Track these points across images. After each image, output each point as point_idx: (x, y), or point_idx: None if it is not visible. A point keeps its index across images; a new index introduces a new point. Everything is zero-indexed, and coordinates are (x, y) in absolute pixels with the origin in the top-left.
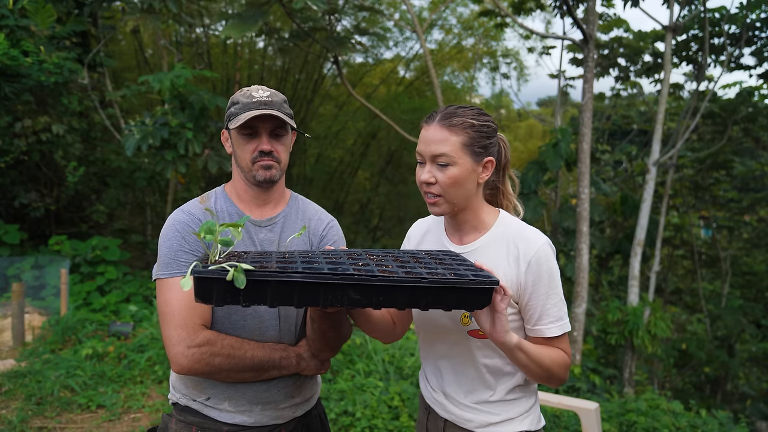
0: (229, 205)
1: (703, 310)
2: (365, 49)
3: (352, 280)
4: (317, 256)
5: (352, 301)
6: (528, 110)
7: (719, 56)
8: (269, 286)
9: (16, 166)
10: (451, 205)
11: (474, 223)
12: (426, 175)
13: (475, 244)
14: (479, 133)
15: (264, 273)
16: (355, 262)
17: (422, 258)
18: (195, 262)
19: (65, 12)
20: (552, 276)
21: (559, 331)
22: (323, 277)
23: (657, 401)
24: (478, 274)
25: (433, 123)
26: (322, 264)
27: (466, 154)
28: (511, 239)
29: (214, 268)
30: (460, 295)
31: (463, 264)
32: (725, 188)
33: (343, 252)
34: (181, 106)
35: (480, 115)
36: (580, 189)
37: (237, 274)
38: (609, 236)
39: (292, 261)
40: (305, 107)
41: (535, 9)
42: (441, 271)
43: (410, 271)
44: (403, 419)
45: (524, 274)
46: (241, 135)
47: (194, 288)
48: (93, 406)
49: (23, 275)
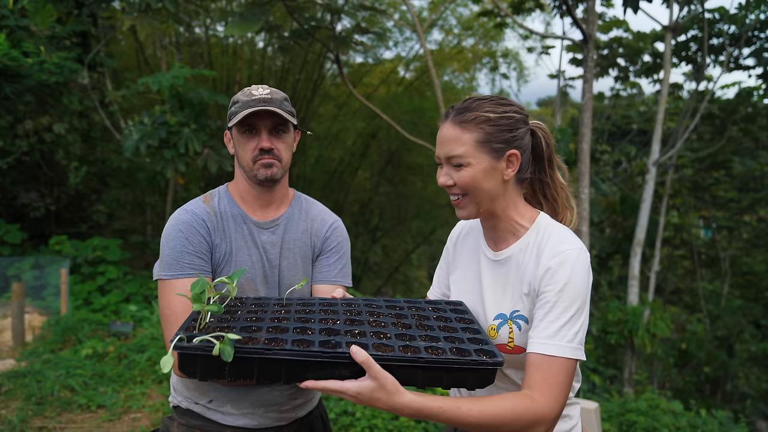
0: (232, 206)
1: (702, 310)
2: (366, 49)
3: (344, 358)
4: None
5: (343, 379)
6: (528, 110)
7: (718, 56)
8: (255, 363)
9: (16, 166)
10: (476, 206)
11: (508, 226)
12: (443, 178)
13: (508, 251)
14: (497, 126)
15: (250, 349)
16: (352, 325)
17: (426, 315)
18: (179, 335)
19: (65, 12)
20: (569, 286)
21: (551, 350)
22: (313, 355)
23: (657, 401)
24: (482, 349)
25: (446, 121)
26: (315, 333)
27: (482, 151)
28: (541, 244)
29: (197, 343)
30: (459, 375)
31: (469, 327)
32: (725, 188)
33: (342, 304)
34: (180, 105)
35: (499, 105)
36: (580, 189)
37: (224, 346)
38: (609, 236)
39: (285, 320)
40: (305, 107)
41: (534, 9)
42: (442, 344)
43: (408, 345)
44: (403, 419)
45: (540, 278)
46: (241, 133)
47: (177, 360)
48: (93, 406)
49: (23, 275)
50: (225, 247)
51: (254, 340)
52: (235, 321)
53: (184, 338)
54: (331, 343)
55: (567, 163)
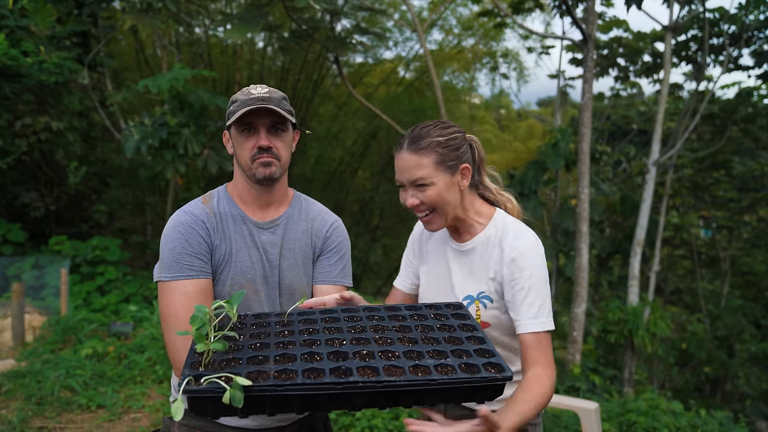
0: (231, 207)
1: (702, 310)
2: (366, 49)
3: (356, 388)
4: (318, 325)
5: (356, 405)
6: (528, 110)
7: (718, 56)
8: (268, 400)
9: (16, 165)
10: (443, 218)
11: (468, 224)
12: (411, 199)
13: (472, 242)
14: (447, 147)
15: (261, 387)
16: (359, 344)
17: (430, 325)
18: (187, 376)
19: (65, 12)
20: (534, 272)
21: (537, 327)
22: (326, 388)
23: (657, 401)
24: (490, 362)
25: (402, 150)
26: (324, 358)
27: (441, 171)
28: (501, 237)
29: (207, 385)
30: (469, 392)
31: (474, 335)
32: (725, 188)
33: (344, 318)
34: (180, 106)
35: (444, 129)
36: (580, 189)
37: (234, 392)
38: (609, 236)
39: (291, 344)
40: (305, 107)
41: (534, 9)
42: (450, 360)
43: (418, 365)
44: (403, 419)
45: (507, 268)
46: (240, 132)
47: (188, 404)
48: (93, 406)
49: (23, 275)
50: (225, 247)
51: (264, 374)
52: (240, 351)
53: (192, 379)
54: (341, 369)
55: (567, 164)
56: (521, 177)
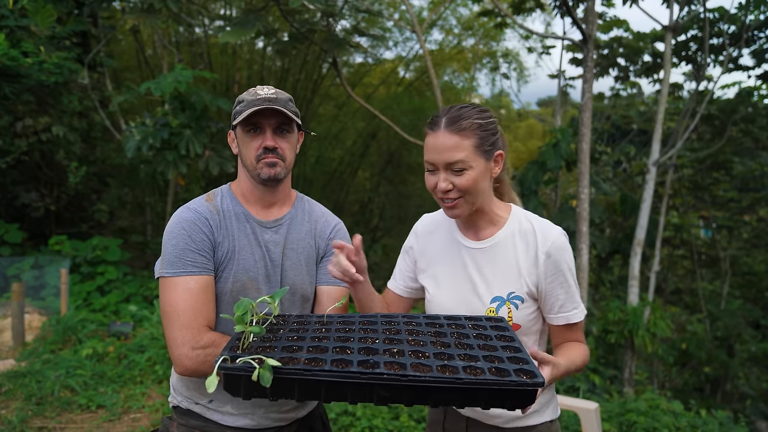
0: (235, 205)
1: (702, 310)
2: (364, 51)
3: (381, 379)
4: (355, 326)
5: (382, 399)
6: (528, 110)
7: (718, 56)
8: (295, 384)
9: (16, 165)
10: (470, 205)
11: (489, 217)
12: (443, 183)
13: (493, 239)
14: (487, 131)
15: (290, 370)
16: (391, 344)
17: (466, 333)
18: (224, 355)
19: (65, 12)
20: (570, 264)
21: (582, 315)
22: (351, 377)
23: (657, 401)
24: (522, 369)
25: (440, 129)
26: (354, 352)
27: (479, 155)
28: (528, 232)
29: (240, 364)
30: (498, 395)
31: (510, 345)
32: (725, 188)
33: (382, 322)
34: (182, 107)
35: (483, 112)
36: (580, 189)
37: (263, 372)
38: (609, 236)
39: (326, 339)
40: (305, 107)
41: (534, 9)
42: (481, 364)
43: (446, 365)
44: (403, 419)
45: (543, 264)
46: (246, 132)
47: (222, 381)
48: (93, 406)
49: (23, 275)
50: (228, 245)
51: (294, 360)
52: (277, 341)
53: (228, 359)
54: (369, 362)
55: (567, 164)
56: (521, 177)
